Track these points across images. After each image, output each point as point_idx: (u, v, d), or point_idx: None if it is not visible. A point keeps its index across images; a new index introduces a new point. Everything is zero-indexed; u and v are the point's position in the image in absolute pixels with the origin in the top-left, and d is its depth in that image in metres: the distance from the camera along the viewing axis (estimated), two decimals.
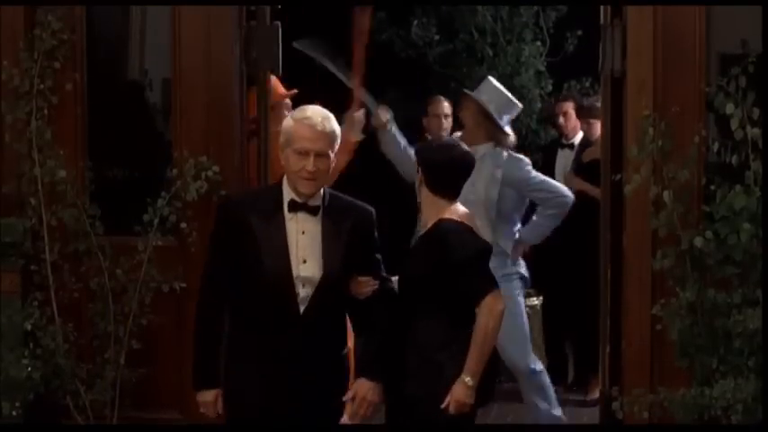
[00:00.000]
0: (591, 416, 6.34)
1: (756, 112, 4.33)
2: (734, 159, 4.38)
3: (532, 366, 5.79)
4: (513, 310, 5.66)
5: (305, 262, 3.91)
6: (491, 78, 6.11)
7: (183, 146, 5.14)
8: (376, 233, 4.10)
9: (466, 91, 6.14)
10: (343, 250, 3.94)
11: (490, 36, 8.30)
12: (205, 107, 5.16)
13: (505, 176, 5.73)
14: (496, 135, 5.79)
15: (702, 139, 4.61)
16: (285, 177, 3.96)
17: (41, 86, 5.14)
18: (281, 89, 6.09)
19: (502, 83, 8.25)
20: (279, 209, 3.92)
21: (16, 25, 5.19)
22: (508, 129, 5.84)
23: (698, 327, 4.43)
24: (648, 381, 4.76)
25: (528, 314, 7.00)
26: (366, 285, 4.03)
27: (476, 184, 5.67)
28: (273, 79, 6.14)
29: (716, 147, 4.47)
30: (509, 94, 6.00)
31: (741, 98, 4.34)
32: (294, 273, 3.89)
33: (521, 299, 5.87)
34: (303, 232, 3.92)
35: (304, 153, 3.84)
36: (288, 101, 6.13)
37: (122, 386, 5.12)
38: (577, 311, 6.81)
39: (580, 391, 7.03)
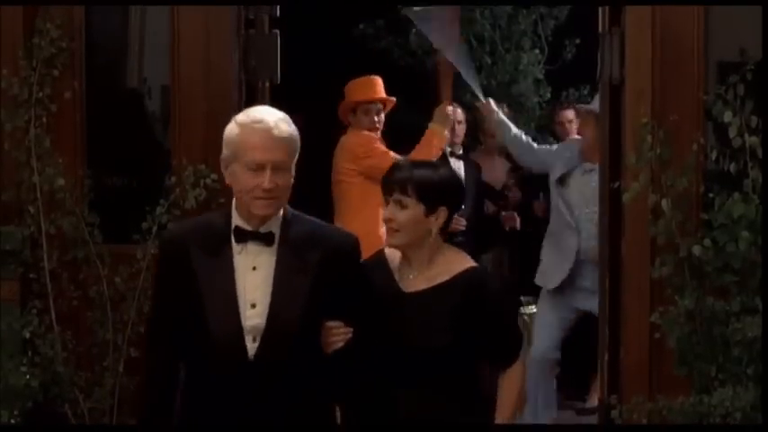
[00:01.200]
0: (584, 423, 6.37)
1: (755, 121, 4.33)
2: (732, 167, 4.39)
3: None
4: None
5: (253, 307, 3.16)
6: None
7: (181, 154, 5.14)
8: (359, 268, 3.36)
9: (580, 106, 6.10)
10: (308, 290, 3.17)
11: (488, 44, 8.32)
12: (204, 115, 5.16)
13: None
14: None
15: (701, 146, 4.61)
16: (234, 200, 3.27)
17: (40, 94, 5.14)
18: (374, 92, 6.13)
19: (500, 91, 8.32)
20: (226, 241, 3.20)
21: (15, 33, 5.19)
22: None
23: (697, 335, 4.43)
24: (647, 389, 4.75)
25: (525, 322, 7.01)
26: (333, 334, 3.25)
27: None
28: (377, 79, 6.19)
29: (714, 155, 4.47)
30: None
31: (739, 106, 4.34)
32: (242, 322, 3.15)
33: None
34: (254, 268, 3.18)
35: (258, 167, 3.11)
36: (379, 105, 6.16)
37: (121, 394, 5.11)
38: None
39: (579, 397, 7.04)
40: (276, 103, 5.25)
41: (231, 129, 3.19)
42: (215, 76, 5.15)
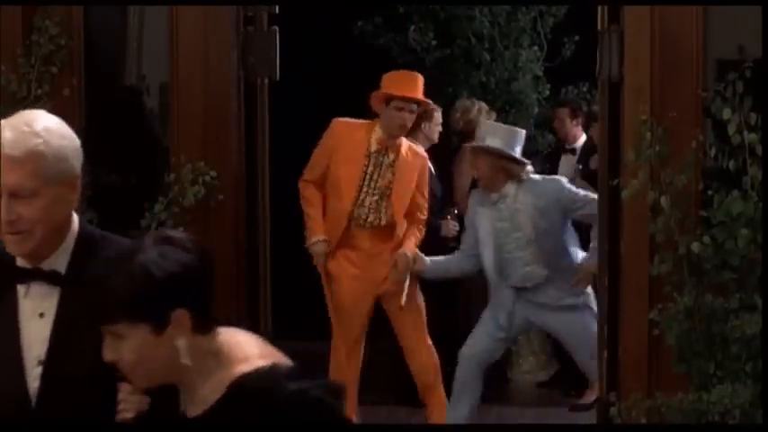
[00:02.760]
0: (583, 420, 6.37)
1: (753, 118, 4.34)
2: (731, 164, 4.38)
3: None
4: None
5: (41, 364, 2.47)
6: (484, 121, 6.21)
7: (180, 151, 5.13)
8: None
9: (470, 145, 6.12)
10: (98, 341, 2.29)
11: (488, 41, 8.32)
12: (203, 112, 5.15)
13: (550, 202, 5.69)
14: (516, 171, 5.72)
15: (700, 144, 4.61)
16: None
17: (39, 91, 5.13)
18: (413, 90, 5.92)
19: (499, 88, 8.33)
20: (11, 281, 2.53)
21: (14, 31, 5.19)
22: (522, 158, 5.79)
23: (695, 332, 4.43)
24: (646, 386, 4.75)
25: None
26: (122, 400, 2.43)
27: (521, 226, 5.65)
28: (420, 77, 6.02)
29: (713, 152, 4.47)
30: (510, 126, 6.04)
31: (738, 103, 4.34)
32: (28, 383, 2.46)
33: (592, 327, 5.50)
34: (42, 315, 2.50)
35: None
36: (413, 105, 5.92)
37: None
38: None
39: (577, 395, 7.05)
40: (275, 100, 5.28)
41: None
42: (214, 74, 5.15)
